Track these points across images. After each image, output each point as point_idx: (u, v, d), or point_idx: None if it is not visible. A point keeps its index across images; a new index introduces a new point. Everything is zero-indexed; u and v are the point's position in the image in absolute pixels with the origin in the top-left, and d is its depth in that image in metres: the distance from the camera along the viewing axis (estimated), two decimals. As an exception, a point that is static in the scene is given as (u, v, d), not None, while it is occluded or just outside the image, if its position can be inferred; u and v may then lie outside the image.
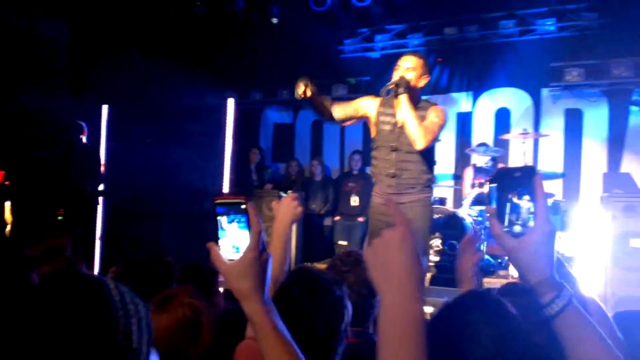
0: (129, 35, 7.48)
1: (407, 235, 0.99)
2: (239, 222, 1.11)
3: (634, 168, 6.34)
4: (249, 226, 1.10)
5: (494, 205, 1.06)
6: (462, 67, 7.47)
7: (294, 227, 6.13)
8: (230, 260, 1.09)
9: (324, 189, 7.04)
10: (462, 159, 7.15)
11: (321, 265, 4.59)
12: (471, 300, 1.15)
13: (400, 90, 3.18)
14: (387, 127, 3.38)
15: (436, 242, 5.59)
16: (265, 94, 8.16)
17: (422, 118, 3.28)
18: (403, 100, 3.18)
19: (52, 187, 5.58)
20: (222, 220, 1.11)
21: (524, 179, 1.03)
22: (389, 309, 0.95)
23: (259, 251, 1.08)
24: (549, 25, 6.92)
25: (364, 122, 3.65)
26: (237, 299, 1.08)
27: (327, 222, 7.15)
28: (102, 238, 6.91)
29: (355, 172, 7.09)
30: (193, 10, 7.76)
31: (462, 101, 7.49)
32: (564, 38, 6.86)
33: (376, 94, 3.21)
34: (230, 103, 7.51)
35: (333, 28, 7.82)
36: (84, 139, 6.08)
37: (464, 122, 7.44)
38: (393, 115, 3.37)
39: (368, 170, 6.71)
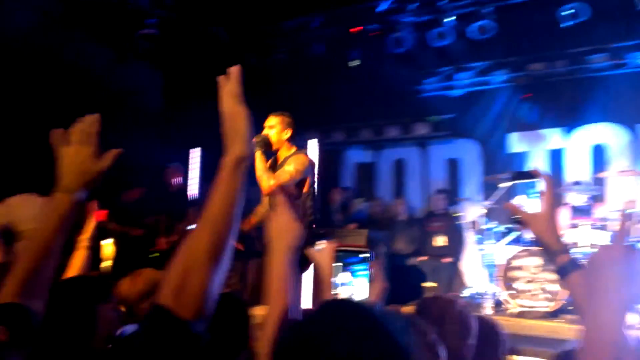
0: (214, 81, 7.80)
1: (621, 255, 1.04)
2: (357, 271, 1.15)
3: None
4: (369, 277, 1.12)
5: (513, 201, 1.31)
6: (552, 103, 7.21)
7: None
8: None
9: (408, 228, 6.91)
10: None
11: (407, 309, 4.47)
12: (331, 306, 1.09)
13: (256, 148, 3.74)
14: None
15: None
16: (347, 134, 8.22)
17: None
18: (256, 156, 3.72)
19: (149, 227, 5.78)
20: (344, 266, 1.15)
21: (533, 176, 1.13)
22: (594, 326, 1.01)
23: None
24: (640, 58, 6.61)
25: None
26: None
27: (412, 262, 6.98)
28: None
29: (439, 212, 6.93)
30: (273, 57, 8.03)
31: (553, 138, 7.22)
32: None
33: (461, 130, 3.30)
34: (314, 144, 7.60)
35: (412, 68, 7.83)
36: (179, 181, 6.32)
37: (556, 159, 7.14)
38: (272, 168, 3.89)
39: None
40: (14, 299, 1.18)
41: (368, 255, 1.23)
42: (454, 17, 6.81)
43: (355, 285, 1.13)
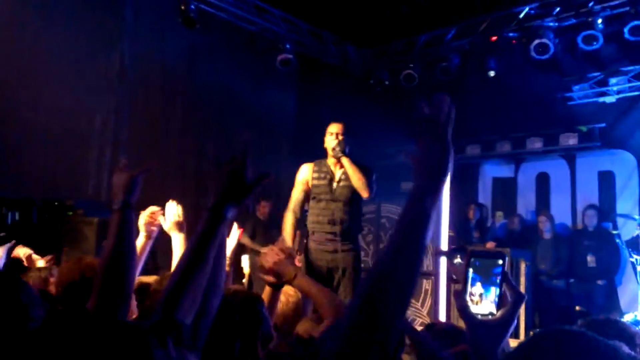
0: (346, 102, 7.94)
1: None
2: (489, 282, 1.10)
3: None
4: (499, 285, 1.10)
5: None
6: None
7: (522, 291, 5.68)
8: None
9: (554, 247, 6.41)
10: None
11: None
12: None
13: (340, 153, 3.80)
14: (324, 182, 3.89)
15: None
16: (483, 148, 7.85)
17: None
18: (345, 161, 3.79)
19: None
20: (472, 272, 1.13)
21: None
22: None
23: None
24: None
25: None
26: None
27: (559, 284, 6.44)
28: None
29: (590, 229, 6.36)
30: (405, 73, 7.93)
31: None
32: None
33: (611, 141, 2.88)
34: (447, 159, 7.38)
35: (557, 75, 7.29)
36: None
37: None
38: (328, 172, 3.92)
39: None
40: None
41: (500, 262, 1.13)
42: (602, 20, 6.25)
43: (488, 296, 1.05)
